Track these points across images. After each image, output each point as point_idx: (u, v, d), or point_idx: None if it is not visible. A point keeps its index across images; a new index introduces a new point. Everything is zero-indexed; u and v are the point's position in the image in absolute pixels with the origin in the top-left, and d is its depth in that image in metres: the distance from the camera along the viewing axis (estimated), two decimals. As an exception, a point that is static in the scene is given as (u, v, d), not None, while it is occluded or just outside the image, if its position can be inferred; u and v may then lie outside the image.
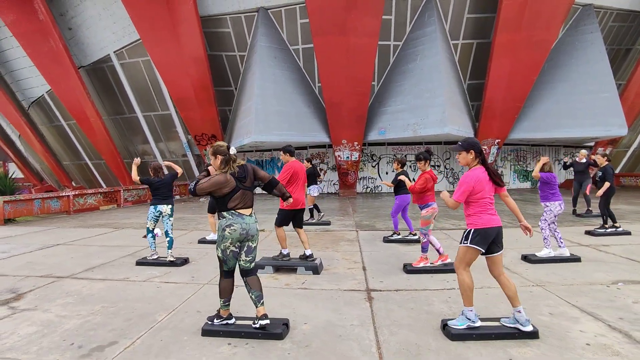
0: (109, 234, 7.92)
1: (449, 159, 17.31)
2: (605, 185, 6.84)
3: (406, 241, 6.54)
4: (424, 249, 4.82)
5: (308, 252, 4.94)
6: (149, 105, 17.12)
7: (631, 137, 18.10)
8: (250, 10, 14.20)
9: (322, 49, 13.10)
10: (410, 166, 16.00)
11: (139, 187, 15.00)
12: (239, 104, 15.68)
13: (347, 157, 15.57)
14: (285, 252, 4.96)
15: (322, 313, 3.49)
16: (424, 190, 4.88)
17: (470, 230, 2.97)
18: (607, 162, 7.13)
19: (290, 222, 5.08)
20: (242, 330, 3.03)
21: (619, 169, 19.32)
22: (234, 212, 3.03)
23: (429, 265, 4.76)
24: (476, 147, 3.05)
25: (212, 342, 2.92)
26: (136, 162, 5.65)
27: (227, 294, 3.10)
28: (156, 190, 5.35)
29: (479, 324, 3.01)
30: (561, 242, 5.24)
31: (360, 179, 17.33)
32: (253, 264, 3.14)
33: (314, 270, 4.73)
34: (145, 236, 5.57)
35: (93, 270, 5.07)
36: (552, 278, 4.42)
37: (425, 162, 4.99)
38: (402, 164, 6.32)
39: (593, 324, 3.14)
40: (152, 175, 5.41)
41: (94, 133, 17.21)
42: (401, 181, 5.99)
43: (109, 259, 5.70)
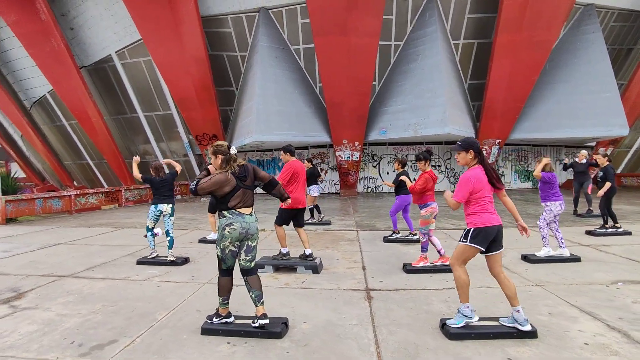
0: (110, 234, 7.95)
1: (449, 159, 17.30)
2: (607, 185, 6.84)
3: (406, 241, 6.55)
4: (424, 248, 4.83)
5: (308, 251, 4.95)
6: (151, 105, 17.16)
7: (633, 137, 18.06)
8: (251, 10, 14.23)
9: (323, 49, 13.12)
10: (411, 166, 15.99)
11: (141, 187, 15.05)
12: (240, 103, 15.71)
13: (348, 157, 15.58)
14: (284, 251, 4.97)
15: (322, 312, 3.49)
16: (424, 191, 4.89)
17: (470, 229, 2.98)
18: (607, 162, 7.13)
19: (291, 222, 5.10)
20: (241, 329, 3.04)
21: (621, 169, 19.28)
22: (234, 211, 3.04)
23: (428, 265, 4.76)
24: (475, 147, 3.05)
25: (212, 341, 2.94)
26: (136, 160, 5.70)
27: (226, 292, 3.12)
28: (157, 189, 5.40)
29: (476, 319, 3.03)
30: (562, 243, 5.24)
31: (361, 178, 17.34)
32: (253, 263, 3.15)
33: (314, 269, 4.74)
34: (146, 235, 5.60)
35: (94, 270, 5.09)
36: (552, 278, 4.42)
37: (425, 162, 5.00)
38: (403, 164, 6.33)
39: (592, 324, 3.15)
40: (153, 175, 5.45)
41: (96, 133, 17.27)
42: (402, 181, 6.01)
43: (110, 258, 5.72)
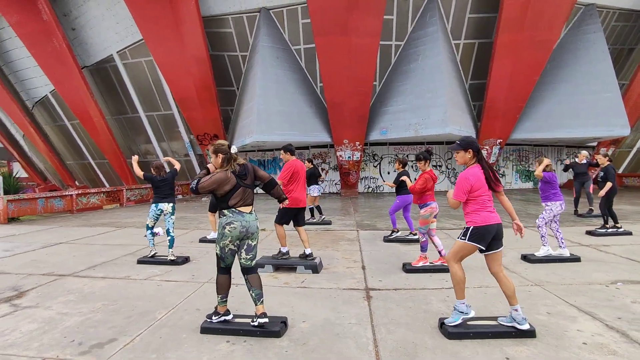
0: (112, 233, 7.98)
1: (450, 159, 17.29)
2: (607, 185, 6.84)
3: (406, 241, 6.56)
4: (423, 248, 4.84)
5: (308, 251, 4.97)
6: (152, 105, 17.19)
7: (634, 137, 18.00)
8: (252, 11, 14.24)
9: (324, 49, 13.12)
10: (412, 166, 15.99)
11: (142, 187, 15.09)
12: (241, 103, 15.73)
13: (349, 157, 15.58)
14: (284, 251, 4.98)
15: (321, 311, 3.51)
16: (424, 190, 4.89)
17: (470, 227, 2.98)
18: (608, 162, 7.13)
19: (291, 221, 5.11)
20: (240, 328, 3.05)
21: (622, 169, 19.22)
22: (234, 209, 3.06)
23: (428, 264, 4.77)
24: (474, 146, 3.06)
25: (211, 340, 2.95)
26: (135, 158, 5.75)
27: (224, 290, 3.14)
28: (157, 188, 5.44)
29: (472, 314, 3.04)
30: (562, 242, 5.24)
31: (361, 178, 17.34)
32: (254, 261, 3.17)
33: (313, 269, 4.75)
34: (146, 235, 5.63)
35: (95, 269, 5.11)
36: (551, 278, 4.42)
37: (425, 162, 5.00)
38: (404, 163, 6.35)
39: (590, 324, 3.15)
40: (154, 174, 5.49)
41: (97, 133, 17.30)
42: (403, 181, 6.02)
43: (110, 257, 5.75)
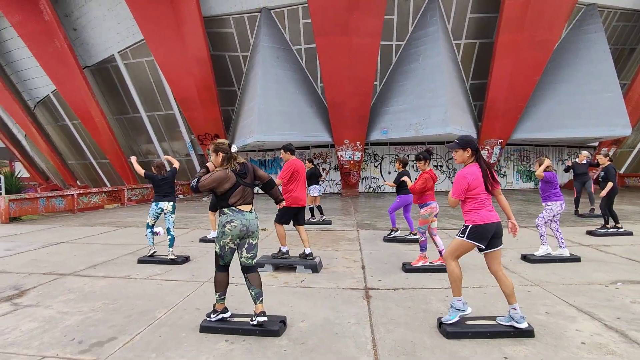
0: (112, 233, 8.00)
1: (451, 159, 17.27)
2: (609, 185, 6.83)
3: (406, 240, 6.56)
4: (422, 247, 4.84)
5: (308, 250, 4.97)
6: (153, 105, 17.23)
7: (636, 137, 17.94)
8: (253, 11, 14.26)
9: (325, 49, 13.12)
10: (412, 166, 15.99)
11: (143, 186, 15.12)
12: (241, 103, 15.75)
13: (350, 157, 15.58)
14: (284, 250, 4.99)
15: (320, 311, 3.51)
16: (424, 190, 4.89)
17: (469, 226, 2.98)
18: (609, 162, 7.12)
19: (291, 220, 5.12)
20: (239, 327, 3.06)
21: (624, 170, 19.17)
22: (234, 208, 3.08)
23: (427, 264, 4.77)
24: (472, 145, 3.07)
25: (210, 339, 2.96)
26: (134, 159, 5.80)
27: (223, 288, 3.15)
28: (158, 187, 5.47)
29: (469, 310, 3.04)
30: (562, 242, 5.23)
31: (362, 178, 17.33)
32: (254, 260, 3.19)
33: (313, 268, 4.76)
34: (146, 234, 5.65)
35: (95, 268, 5.13)
36: (551, 278, 4.42)
37: (425, 161, 5.01)
38: (404, 163, 6.35)
39: (589, 323, 3.15)
40: (155, 172, 5.53)
41: (99, 133, 17.34)
42: (403, 181, 6.03)
43: (111, 256, 5.77)
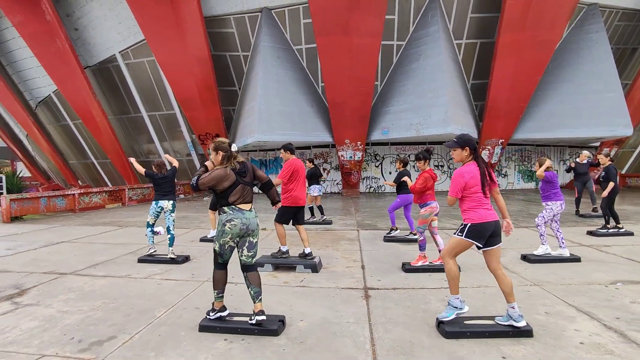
0: (113, 232, 8.02)
1: (452, 158, 17.23)
2: (610, 185, 6.82)
3: (406, 240, 6.56)
4: (421, 247, 4.84)
5: (307, 250, 4.98)
6: (154, 105, 17.25)
7: (637, 137, 17.89)
8: (254, 11, 14.26)
9: (325, 49, 13.12)
10: (413, 166, 15.97)
11: (144, 186, 15.15)
12: (242, 103, 15.76)
13: (350, 157, 15.58)
14: (284, 249, 5.00)
15: (319, 310, 3.52)
16: (424, 190, 4.89)
17: (467, 224, 2.99)
18: (609, 162, 7.11)
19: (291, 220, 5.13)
20: (238, 326, 3.07)
21: (625, 170, 19.12)
22: (234, 207, 3.09)
23: (427, 264, 4.77)
24: (471, 144, 3.07)
25: (209, 338, 2.97)
26: (133, 160, 5.84)
27: (221, 285, 3.16)
28: (158, 185, 5.51)
29: (466, 309, 3.05)
30: (562, 242, 5.22)
31: (363, 178, 17.32)
32: (254, 259, 3.20)
33: (313, 268, 4.76)
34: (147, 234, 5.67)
35: (96, 267, 5.15)
36: (551, 278, 4.41)
37: (424, 161, 5.02)
38: (405, 163, 6.36)
39: (588, 323, 3.15)
40: (155, 171, 5.55)
41: (100, 132, 17.37)
42: (404, 180, 6.04)
43: (111, 256, 5.78)
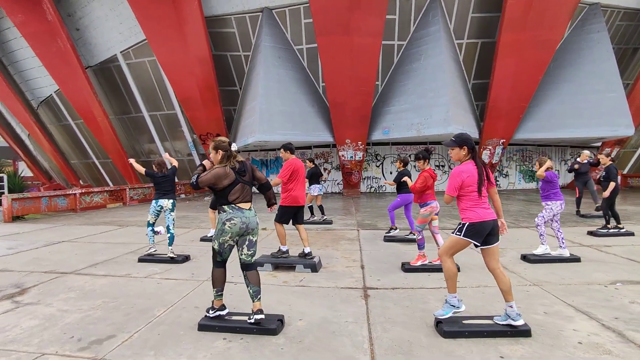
0: (114, 232, 8.04)
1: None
2: (611, 185, 6.81)
3: (406, 240, 6.56)
4: (420, 246, 4.84)
5: (307, 250, 4.98)
6: (155, 105, 17.29)
7: (639, 137, 17.85)
8: (255, 11, 14.28)
9: (326, 49, 13.13)
10: (413, 166, 15.97)
11: (145, 186, 15.18)
12: (243, 103, 15.78)
13: (351, 157, 15.58)
14: (284, 249, 5.00)
15: (318, 310, 3.53)
16: (424, 189, 4.90)
17: (466, 223, 3.00)
18: (610, 162, 7.10)
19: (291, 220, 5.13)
20: (237, 325, 3.08)
21: (627, 170, 19.08)
22: (234, 206, 3.10)
23: (427, 263, 4.78)
24: (469, 143, 3.07)
25: (208, 337, 2.98)
26: (133, 160, 5.85)
27: (220, 284, 3.17)
28: (158, 185, 5.53)
29: (463, 308, 3.05)
30: (562, 243, 5.22)
31: (364, 178, 17.32)
32: (254, 258, 3.21)
33: (312, 268, 4.77)
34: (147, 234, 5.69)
35: (96, 267, 5.17)
36: (550, 278, 4.41)
37: (424, 161, 5.01)
38: (405, 162, 6.36)
39: (587, 323, 3.15)
40: (156, 170, 5.57)
41: (101, 132, 17.42)
42: (404, 180, 6.04)
43: (112, 255, 5.80)
